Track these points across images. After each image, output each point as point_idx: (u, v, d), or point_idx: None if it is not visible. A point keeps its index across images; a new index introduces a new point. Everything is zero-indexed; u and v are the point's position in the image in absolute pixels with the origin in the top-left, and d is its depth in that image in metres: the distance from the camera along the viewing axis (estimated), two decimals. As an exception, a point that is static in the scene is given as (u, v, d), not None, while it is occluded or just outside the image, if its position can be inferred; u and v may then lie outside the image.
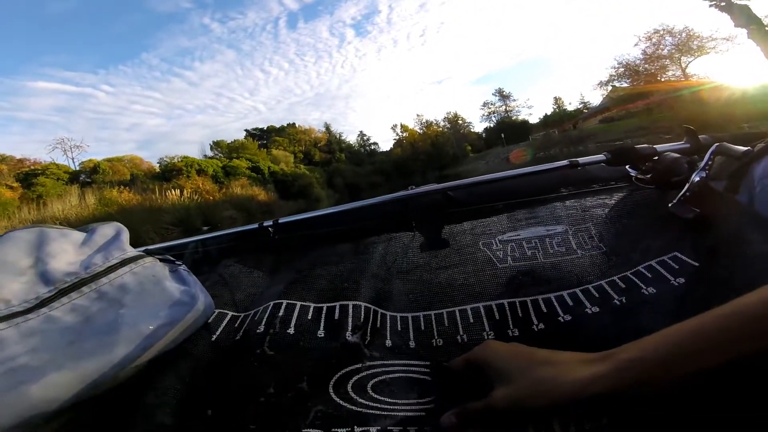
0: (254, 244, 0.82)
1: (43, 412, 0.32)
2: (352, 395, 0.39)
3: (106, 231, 0.50)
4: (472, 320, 0.51)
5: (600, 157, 0.74)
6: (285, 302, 0.56)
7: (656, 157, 0.70)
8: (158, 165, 26.11)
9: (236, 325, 0.56)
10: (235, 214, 16.98)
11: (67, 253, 0.44)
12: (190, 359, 0.47)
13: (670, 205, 0.58)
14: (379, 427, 0.36)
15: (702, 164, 0.59)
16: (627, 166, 0.73)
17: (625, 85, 22.59)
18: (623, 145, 0.73)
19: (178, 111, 77.78)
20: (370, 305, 0.55)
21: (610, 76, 22.85)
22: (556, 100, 39.14)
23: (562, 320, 0.47)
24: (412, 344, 0.50)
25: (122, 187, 17.68)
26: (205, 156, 30.34)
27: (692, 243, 0.52)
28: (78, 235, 0.47)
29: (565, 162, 0.75)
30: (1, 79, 61.11)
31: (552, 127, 33.09)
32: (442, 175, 31.04)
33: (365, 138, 50.38)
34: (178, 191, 17.16)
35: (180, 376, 0.44)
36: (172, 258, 0.58)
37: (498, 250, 0.64)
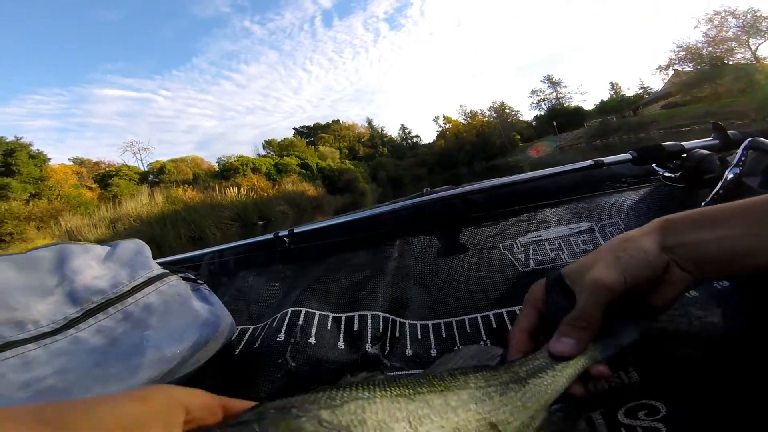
0: (270, 254, 0.80)
1: None
2: None
3: (129, 246, 0.49)
4: (495, 326, 0.50)
5: (626, 156, 0.71)
6: (304, 310, 0.56)
7: (684, 155, 0.67)
8: (217, 164, 27.98)
9: (255, 334, 0.57)
10: (288, 209, 17.86)
11: (92, 269, 0.43)
12: (212, 373, 0.47)
13: (703, 204, 0.55)
14: None
15: (735, 160, 0.56)
16: (654, 165, 0.70)
17: (688, 69, 21.12)
18: (649, 144, 0.70)
19: (230, 113, 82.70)
20: (388, 315, 0.55)
21: (670, 60, 21.48)
22: (613, 85, 36.07)
23: None
24: (433, 352, 0.49)
25: (186, 185, 19.27)
26: (258, 155, 32.06)
27: None
28: (101, 250, 0.47)
29: (589, 162, 0.72)
30: (71, 87, 68.52)
31: (609, 114, 30.82)
32: (489, 166, 30.05)
33: (407, 131, 50.20)
34: (235, 188, 18.38)
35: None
36: (193, 276, 0.56)
37: (519, 253, 0.61)
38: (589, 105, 38.27)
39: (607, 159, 0.73)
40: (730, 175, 0.55)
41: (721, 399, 0.31)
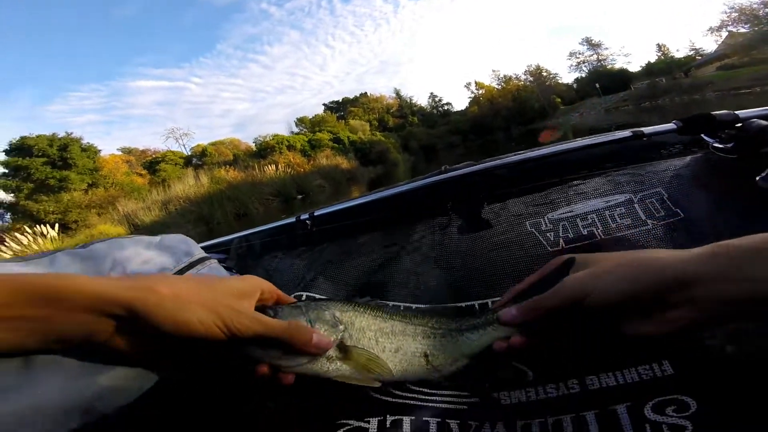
0: (293, 237, 0.80)
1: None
2: (391, 390, 0.38)
3: (174, 237, 0.53)
4: None
5: (670, 126, 0.65)
6: (305, 294, 0.58)
7: (739, 125, 0.60)
8: (254, 144, 28.50)
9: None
10: (323, 183, 18.11)
11: (140, 256, 0.47)
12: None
13: (758, 178, 0.50)
14: (413, 417, 0.35)
15: None
16: (703, 136, 0.63)
17: (743, 30, 19.72)
18: (697, 113, 0.64)
19: (261, 94, 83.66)
20: (410, 305, 0.53)
21: (722, 21, 20.21)
22: (660, 47, 33.18)
23: None
24: None
25: (227, 166, 19.89)
26: (292, 132, 32.31)
27: None
28: (149, 240, 0.51)
29: (626, 132, 0.66)
30: (107, 82, 71.77)
31: (657, 76, 28.56)
32: (528, 130, 28.91)
33: (437, 99, 48.62)
34: (273, 166, 18.77)
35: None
36: (224, 265, 0.57)
37: (548, 231, 0.56)
38: (634, 67, 35.56)
39: (647, 129, 0.66)
40: None
41: (754, 399, 0.29)
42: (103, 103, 69.67)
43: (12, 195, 17.78)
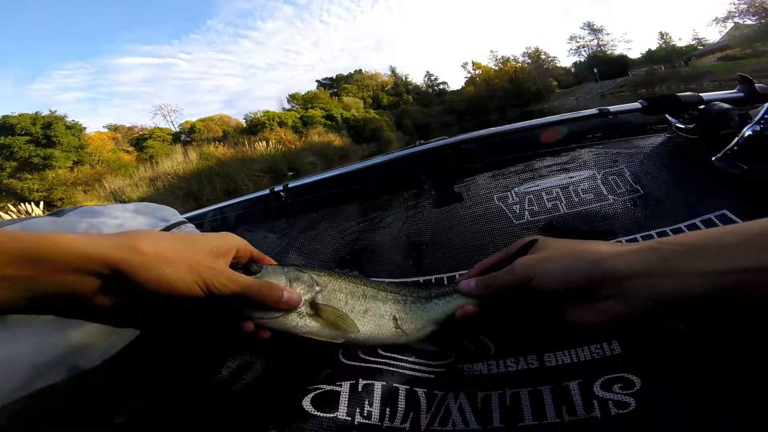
0: (268, 209, 0.81)
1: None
2: (361, 355, 0.39)
3: (148, 204, 0.53)
4: None
5: (635, 105, 0.67)
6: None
7: (702, 106, 0.62)
8: (245, 121, 27.94)
9: None
10: (315, 160, 17.89)
11: (115, 219, 0.46)
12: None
13: (714, 159, 0.53)
14: (384, 383, 0.35)
15: (757, 117, 0.52)
16: (667, 115, 0.66)
17: (750, 22, 19.67)
18: (663, 93, 0.67)
19: (252, 70, 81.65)
20: (383, 279, 0.53)
21: (729, 12, 20.17)
22: (662, 35, 32.94)
23: None
24: None
25: (217, 142, 19.57)
26: (284, 109, 31.66)
27: (742, 201, 0.47)
28: (123, 206, 0.50)
29: (593, 110, 0.69)
30: (92, 59, 69.44)
31: (657, 64, 28.41)
32: (524, 112, 28.84)
33: (433, 78, 47.92)
34: (264, 143, 18.50)
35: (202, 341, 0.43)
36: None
37: (514, 204, 0.58)
38: (634, 54, 35.41)
39: (613, 108, 0.69)
40: (749, 132, 0.52)
41: (696, 376, 0.31)
42: (88, 81, 67.94)
43: (-6, 174, 17.35)
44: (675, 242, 0.29)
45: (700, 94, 0.64)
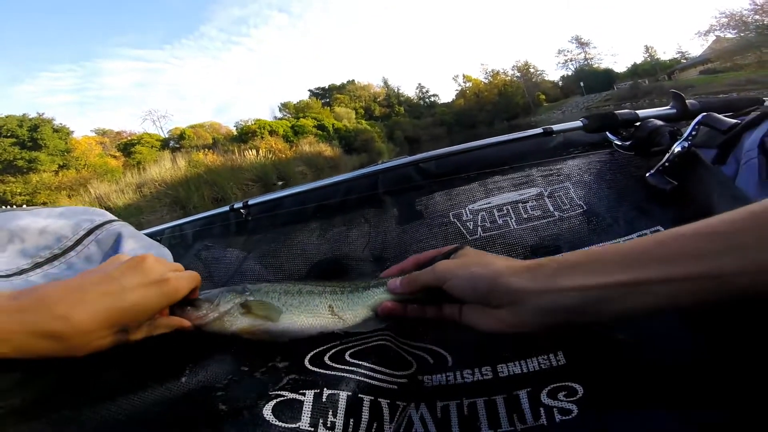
0: (227, 226, 0.80)
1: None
2: (329, 363, 0.39)
3: (77, 208, 0.54)
4: None
5: (577, 123, 0.70)
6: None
7: (638, 123, 0.65)
8: (235, 128, 27.89)
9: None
10: (306, 170, 17.90)
11: (37, 224, 0.48)
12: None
13: (647, 175, 0.55)
14: (349, 393, 0.35)
15: (685, 134, 0.55)
16: (607, 133, 0.68)
17: (730, 35, 20.35)
18: (602, 111, 0.69)
19: (244, 77, 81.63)
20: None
21: (711, 26, 20.83)
22: (648, 48, 34.12)
23: None
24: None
25: (206, 150, 19.40)
26: (275, 117, 31.77)
27: (674, 217, 0.49)
28: (48, 211, 0.52)
29: (538, 130, 0.72)
30: (81, 62, 68.74)
31: (643, 77, 29.21)
32: (511, 126, 29.32)
33: (424, 90, 48.53)
34: (254, 151, 18.44)
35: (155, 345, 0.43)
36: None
37: (468, 221, 0.60)
38: (620, 67, 36.47)
39: (557, 126, 0.72)
40: (678, 149, 0.54)
41: (634, 383, 0.33)
42: (76, 84, 67.17)
43: (-24, 176, 16.94)
44: (560, 260, 0.32)
45: (637, 112, 0.67)
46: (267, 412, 0.33)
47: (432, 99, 47.75)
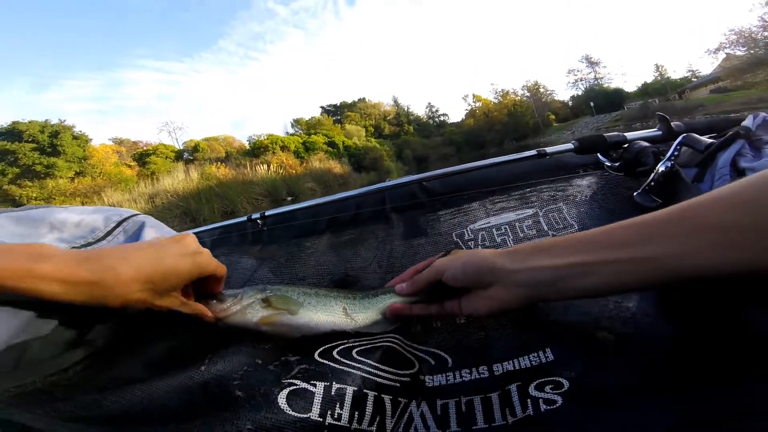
0: (244, 235, 0.84)
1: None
2: (336, 357, 0.42)
3: (107, 207, 0.59)
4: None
5: (568, 146, 0.75)
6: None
7: (626, 145, 0.69)
8: (248, 143, 28.41)
9: None
10: (315, 186, 18.08)
11: (73, 219, 0.53)
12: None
13: (635, 194, 0.58)
14: (355, 387, 0.38)
15: (668, 155, 0.58)
16: (598, 154, 0.72)
17: (740, 53, 20.08)
18: (592, 134, 0.73)
19: (259, 93, 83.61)
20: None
21: (720, 43, 20.64)
22: (658, 67, 33.96)
23: None
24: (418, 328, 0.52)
25: (219, 163, 19.69)
26: (287, 133, 32.38)
27: None
28: (82, 209, 0.57)
29: (532, 152, 0.77)
30: (104, 72, 71.20)
31: (653, 97, 28.95)
32: (520, 146, 29.35)
33: (434, 109, 49.15)
34: (265, 166, 18.69)
35: (176, 335, 0.46)
36: None
37: (470, 240, 0.64)
38: (630, 87, 36.44)
39: (550, 149, 0.76)
40: (662, 168, 0.57)
41: (618, 383, 0.35)
42: (98, 93, 69.45)
43: (-5, 178, 17.42)
44: (533, 245, 0.40)
45: (624, 134, 0.72)
46: (281, 400, 0.35)
47: (441, 118, 48.27)
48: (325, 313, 0.46)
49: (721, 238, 0.28)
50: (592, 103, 33.29)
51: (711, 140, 0.59)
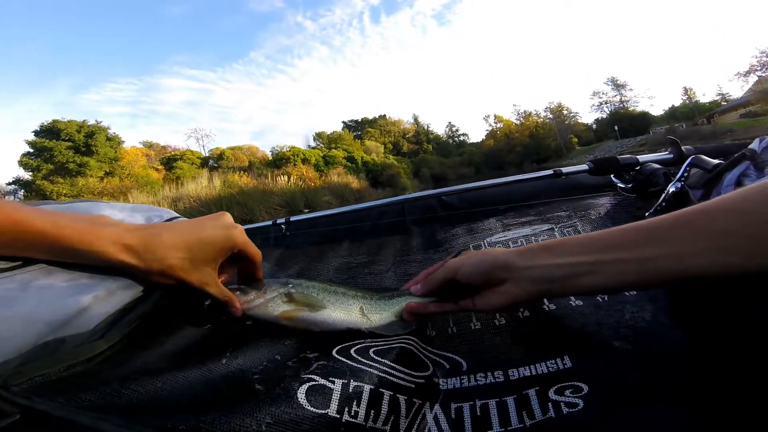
0: (268, 238, 0.87)
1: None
2: (354, 355, 0.42)
3: (144, 206, 0.59)
4: (455, 326, 0.53)
5: (583, 166, 0.77)
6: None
7: (638, 167, 0.71)
8: (270, 153, 29.28)
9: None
10: (332, 200, 18.26)
11: (117, 216, 0.51)
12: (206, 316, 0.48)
13: (646, 214, 0.60)
14: (372, 386, 0.38)
15: (678, 176, 0.60)
16: (612, 176, 0.74)
17: None
18: (606, 156, 0.74)
19: (284, 105, 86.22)
20: None
21: (751, 66, 20.15)
22: (686, 90, 33.34)
23: (547, 308, 0.50)
24: (431, 332, 0.52)
25: (242, 172, 20.23)
26: (309, 146, 33.15)
27: None
28: (122, 205, 0.57)
29: (549, 171, 0.80)
30: (142, 76, 74.71)
31: (681, 121, 28.19)
32: (541, 168, 29.00)
33: (454, 129, 49.30)
34: (286, 177, 19.12)
35: (198, 330, 0.46)
36: None
37: None
38: (657, 110, 35.64)
39: (565, 169, 0.79)
40: (672, 189, 0.59)
41: (636, 387, 0.36)
42: (134, 97, 72.70)
43: (30, 174, 18.32)
44: (542, 245, 0.42)
45: (637, 156, 0.74)
46: (301, 395, 0.35)
47: (461, 138, 48.36)
48: (343, 311, 0.47)
49: (718, 242, 0.31)
50: (616, 127, 32.67)
51: (719, 161, 0.61)
